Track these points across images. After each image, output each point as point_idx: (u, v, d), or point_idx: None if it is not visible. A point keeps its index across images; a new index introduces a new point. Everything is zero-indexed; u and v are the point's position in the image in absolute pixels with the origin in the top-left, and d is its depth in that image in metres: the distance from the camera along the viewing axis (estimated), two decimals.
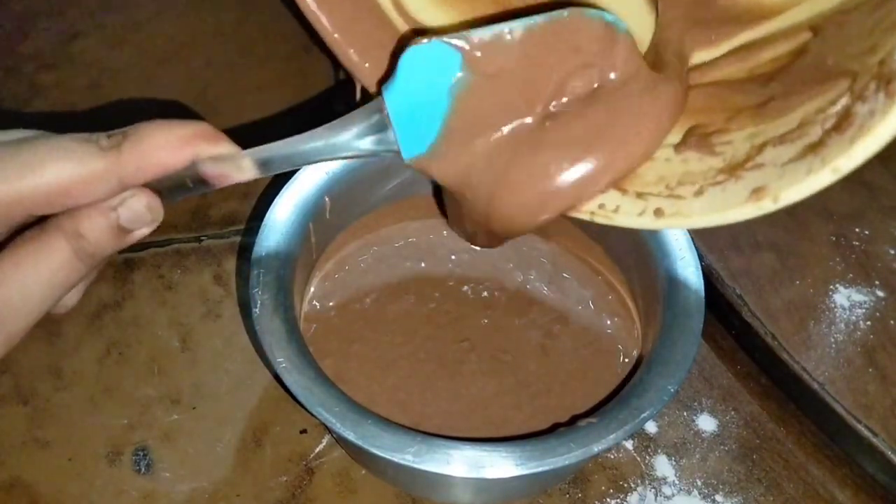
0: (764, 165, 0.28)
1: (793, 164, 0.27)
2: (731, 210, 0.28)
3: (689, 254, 0.37)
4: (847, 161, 0.25)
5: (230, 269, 0.45)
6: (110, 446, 0.38)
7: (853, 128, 0.25)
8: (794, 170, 0.26)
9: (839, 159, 0.25)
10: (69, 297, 0.30)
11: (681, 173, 0.31)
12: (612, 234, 0.41)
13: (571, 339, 0.39)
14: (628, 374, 0.38)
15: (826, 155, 0.25)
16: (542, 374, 0.38)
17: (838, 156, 0.25)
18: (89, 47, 0.58)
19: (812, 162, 0.26)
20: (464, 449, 0.30)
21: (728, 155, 0.30)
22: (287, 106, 0.54)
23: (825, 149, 0.26)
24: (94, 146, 0.26)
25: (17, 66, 0.56)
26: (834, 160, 0.25)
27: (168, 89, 0.55)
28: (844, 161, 0.25)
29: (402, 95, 0.30)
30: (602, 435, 0.31)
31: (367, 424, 0.31)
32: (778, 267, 0.43)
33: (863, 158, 0.25)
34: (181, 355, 0.41)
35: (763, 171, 0.28)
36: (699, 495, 0.37)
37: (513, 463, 0.30)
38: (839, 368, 0.39)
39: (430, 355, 0.38)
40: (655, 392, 0.32)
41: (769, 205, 0.27)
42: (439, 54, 0.29)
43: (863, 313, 0.41)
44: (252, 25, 0.60)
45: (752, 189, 0.27)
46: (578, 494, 0.37)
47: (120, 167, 0.27)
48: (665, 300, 0.35)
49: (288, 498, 0.36)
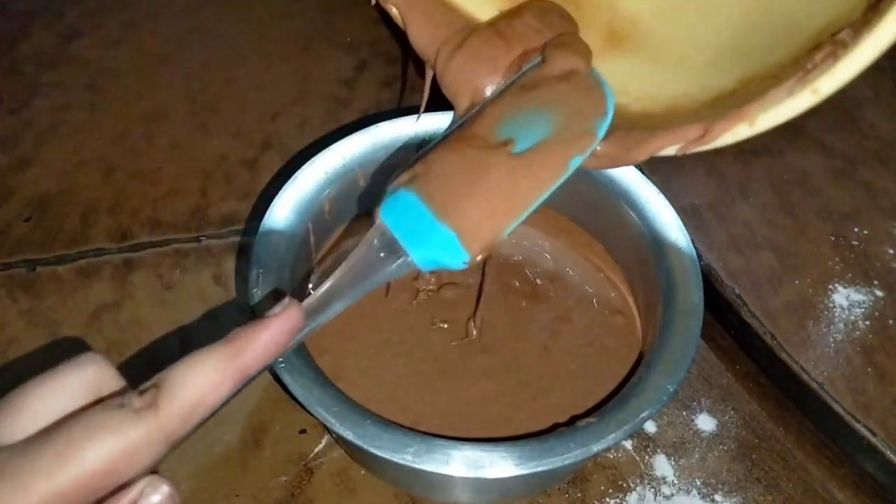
0: (746, 96, 0.28)
1: (774, 89, 0.26)
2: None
3: (689, 253, 0.37)
4: (829, 81, 0.25)
5: (229, 269, 0.45)
6: None
7: (838, 49, 0.25)
8: (774, 95, 0.26)
9: (821, 79, 0.25)
10: None
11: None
12: (613, 233, 0.41)
13: (573, 338, 0.39)
14: (628, 374, 0.38)
15: (808, 79, 0.25)
16: (542, 373, 0.38)
17: (819, 76, 0.25)
18: (89, 47, 0.58)
19: (794, 86, 0.26)
20: (463, 449, 0.30)
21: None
22: (287, 106, 0.54)
23: (808, 74, 0.25)
24: (129, 412, 0.23)
25: (17, 66, 0.56)
26: (815, 81, 0.25)
27: (167, 89, 0.55)
28: (826, 81, 0.25)
29: (399, 217, 0.31)
30: (601, 435, 0.31)
31: (367, 424, 0.31)
32: (777, 267, 0.43)
33: (846, 77, 0.25)
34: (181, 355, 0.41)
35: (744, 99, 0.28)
36: (698, 495, 0.37)
37: (512, 463, 0.30)
38: (838, 368, 0.39)
39: (429, 354, 0.38)
40: (655, 392, 0.32)
41: (745, 129, 0.27)
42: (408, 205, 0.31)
43: (862, 313, 0.41)
44: (251, 25, 0.60)
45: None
46: (578, 494, 0.37)
47: (162, 428, 0.24)
48: (665, 300, 0.35)
49: (287, 498, 0.36)
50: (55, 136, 0.52)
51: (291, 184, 0.39)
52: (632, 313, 0.40)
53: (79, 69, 0.56)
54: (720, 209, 0.45)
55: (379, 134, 0.41)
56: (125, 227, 0.47)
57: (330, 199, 0.39)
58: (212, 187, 0.49)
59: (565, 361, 0.38)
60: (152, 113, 0.53)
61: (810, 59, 0.26)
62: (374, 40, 0.58)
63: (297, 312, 0.26)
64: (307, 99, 0.54)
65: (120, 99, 0.54)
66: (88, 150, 0.51)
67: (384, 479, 0.37)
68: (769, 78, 0.28)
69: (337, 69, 0.56)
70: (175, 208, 0.48)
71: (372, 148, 0.41)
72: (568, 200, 0.42)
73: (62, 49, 0.57)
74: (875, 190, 0.46)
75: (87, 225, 0.47)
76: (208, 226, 0.47)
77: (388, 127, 0.41)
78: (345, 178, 0.40)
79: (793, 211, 0.45)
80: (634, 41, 0.35)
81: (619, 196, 0.39)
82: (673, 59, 0.34)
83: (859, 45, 0.24)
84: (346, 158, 0.40)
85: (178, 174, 0.50)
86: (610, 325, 0.40)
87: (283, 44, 0.58)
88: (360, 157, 0.40)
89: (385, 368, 0.38)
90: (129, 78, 0.56)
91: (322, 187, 0.39)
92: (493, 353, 0.38)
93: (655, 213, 0.38)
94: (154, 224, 0.47)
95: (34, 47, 0.57)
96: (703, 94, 0.31)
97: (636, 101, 0.33)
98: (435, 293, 0.41)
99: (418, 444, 0.30)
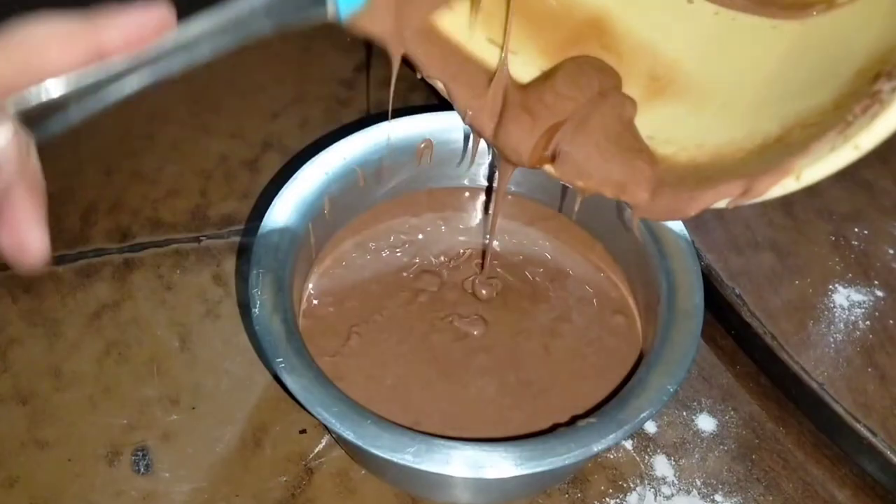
0: (791, 144, 0.28)
1: (816, 142, 0.26)
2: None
3: (689, 254, 0.37)
4: (868, 137, 0.25)
5: (229, 269, 0.45)
6: (110, 446, 0.38)
7: (875, 105, 0.25)
8: (817, 149, 0.26)
9: (860, 135, 0.25)
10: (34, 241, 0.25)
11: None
12: (613, 233, 0.41)
13: (573, 338, 0.39)
14: (628, 374, 0.38)
15: (849, 133, 0.25)
16: (542, 373, 0.38)
17: (859, 132, 0.25)
18: None
19: (835, 140, 0.26)
20: (463, 449, 0.30)
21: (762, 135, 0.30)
22: (287, 106, 0.54)
23: (849, 128, 0.26)
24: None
25: None
26: (855, 137, 0.25)
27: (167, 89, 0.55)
28: (866, 137, 0.25)
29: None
30: (602, 435, 0.31)
31: (367, 424, 0.31)
32: (777, 267, 0.43)
33: (885, 134, 0.25)
34: (180, 355, 0.41)
35: (789, 149, 0.28)
36: (698, 495, 0.37)
37: (512, 463, 0.30)
38: (838, 368, 0.39)
39: (429, 354, 0.38)
40: (655, 392, 0.32)
41: (791, 183, 0.27)
42: None
43: (862, 313, 0.41)
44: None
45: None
46: (578, 494, 0.37)
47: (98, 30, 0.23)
48: (665, 300, 0.35)
49: (287, 498, 0.36)
50: (55, 135, 0.52)
51: (291, 184, 0.39)
52: (632, 313, 0.40)
53: None
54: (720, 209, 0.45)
55: (379, 134, 0.41)
56: (125, 227, 0.47)
57: (330, 199, 0.39)
58: (212, 187, 0.49)
59: (565, 361, 0.38)
60: (152, 113, 0.53)
61: (850, 111, 0.26)
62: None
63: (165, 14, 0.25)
64: (307, 99, 0.54)
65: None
66: (88, 150, 0.51)
67: (384, 479, 0.37)
68: (812, 125, 0.28)
69: (337, 69, 0.56)
70: (175, 208, 0.48)
71: (372, 148, 0.41)
72: (568, 200, 0.42)
73: None
74: (875, 190, 0.46)
75: (87, 225, 0.47)
76: (208, 226, 0.47)
77: (388, 127, 0.41)
78: (345, 178, 0.40)
79: (793, 211, 0.45)
80: (676, 88, 0.35)
81: None
82: (715, 104, 0.34)
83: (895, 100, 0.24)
84: (346, 158, 0.40)
85: (178, 174, 0.50)
86: (610, 325, 0.40)
87: (283, 44, 0.58)
88: (359, 157, 0.40)
89: (385, 368, 0.38)
90: None
91: (322, 187, 0.39)
92: (493, 353, 0.38)
93: None
94: (154, 224, 0.47)
95: None
96: (748, 140, 0.31)
97: (682, 149, 0.33)
98: (436, 293, 0.41)
99: (418, 444, 0.30)
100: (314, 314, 0.39)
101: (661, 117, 0.34)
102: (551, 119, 0.33)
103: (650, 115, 0.34)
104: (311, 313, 0.39)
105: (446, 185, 0.44)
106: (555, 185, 0.40)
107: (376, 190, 0.42)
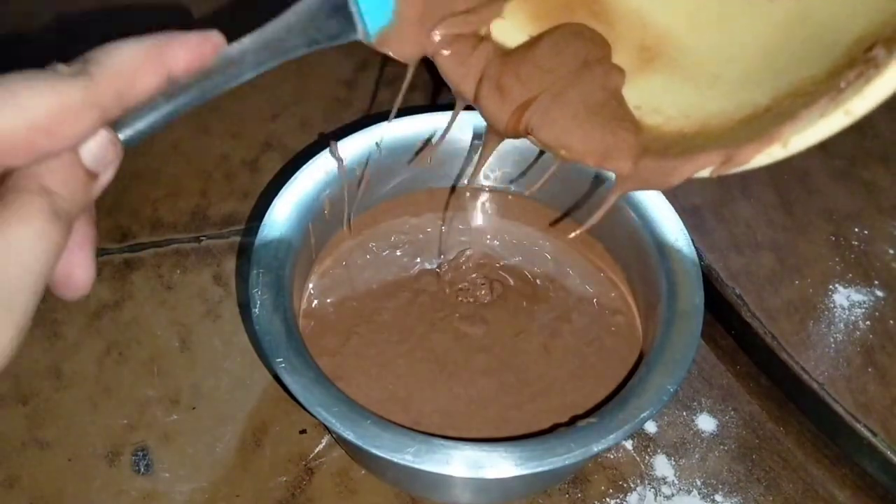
0: (780, 114, 0.28)
1: (805, 109, 0.26)
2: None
3: (689, 253, 0.37)
4: (861, 102, 0.24)
5: (230, 269, 0.45)
6: (110, 446, 0.38)
7: (871, 69, 0.24)
8: (806, 115, 0.26)
9: (853, 100, 0.25)
10: (82, 275, 0.25)
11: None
12: (613, 233, 0.41)
13: (573, 338, 0.39)
14: (628, 374, 0.38)
15: (841, 98, 0.25)
16: (542, 373, 0.38)
17: (852, 97, 0.25)
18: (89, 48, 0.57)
19: (826, 106, 0.25)
20: (463, 449, 0.30)
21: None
22: (287, 106, 0.54)
23: (841, 94, 0.25)
24: (62, 75, 0.23)
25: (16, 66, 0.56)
26: (847, 102, 0.25)
27: None
28: (858, 102, 0.24)
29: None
30: (602, 435, 0.31)
31: (367, 424, 0.31)
32: (777, 267, 0.43)
33: (878, 99, 0.24)
34: (181, 355, 0.41)
35: (777, 118, 0.27)
36: (699, 495, 0.37)
37: (512, 463, 0.30)
38: (838, 368, 0.39)
39: (429, 353, 0.38)
40: (655, 392, 0.32)
41: (779, 150, 0.27)
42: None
43: (862, 313, 0.41)
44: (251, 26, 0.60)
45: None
46: (578, 494, 0.37)
47: (97, 95, 0.23)
48: (665, 300, 0.35)
49: (287, 498, 0.36)
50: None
51: (291, 184, 0.39)
52: (632, 313, 0.40)
53: None
54: (720, 209, 0.45)
55: (379, 134, 0.41)
56: (125, 227, 0.47)
57: (330, 199, 0.39)
58: (212, 187, 0.49)
59: (565, 361, 0.38)
60: None
61: (843, 77, 0.26)
62: None
63: (218, 36, 0.27)
64: (307, 99, 0.54)
65: None
66: None
67: (384, 479, 0.37)
68: (803, 95, 0.28)
69: (337, 69, 0.56)
70: (175, 208, 0.48)
71: (372, 148, 0.41)
72: (568, 200, 0.42)
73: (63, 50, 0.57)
74: (875, 190, 0.46)
75: None
76: (208, 226, 0.47)
77: (388, 127, 0.41)
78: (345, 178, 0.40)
79: (793, 211, 0.45)
80: (666, 58, 0.35)
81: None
82: (706, 75, 0.34)
83: (891, 65, 0.24)
84: (346, 158, 0.40)
85: (179, 174, 0.50)
86: (610, 325, 0.40)
87: None
88: (360, 157, 0.40)
89: (385, 368, 0.38)
90: None
91: (322, 187, 0.39)
92: (493, 353, 0.38)
93: (656, 213, 0.38)
94: (154, 224, 0.47)
95: (34, 47, 0.57)
96: (737, 111, 0.31)
97: (670, 120, 0.33)
98: (436, 293, 0.41)
99: (418, 444, 0.30)
100: (314, 314, 0.39)
101: (649, 87, 0.34)
102: (523, 95, 0.33)
103: (639, 85, 0.33)
104: (311, 313, 0.39)
105: (446, 186, 0.44)
106: (556, 186, 0.40)
107: (376, 190, 0.42)
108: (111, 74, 0.23)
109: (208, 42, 0.27)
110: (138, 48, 0.24)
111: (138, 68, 0.24)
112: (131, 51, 0.24)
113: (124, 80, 0.24)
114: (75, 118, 0.22)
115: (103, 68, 0.23)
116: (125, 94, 0.24)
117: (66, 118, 0.22)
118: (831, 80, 0.27)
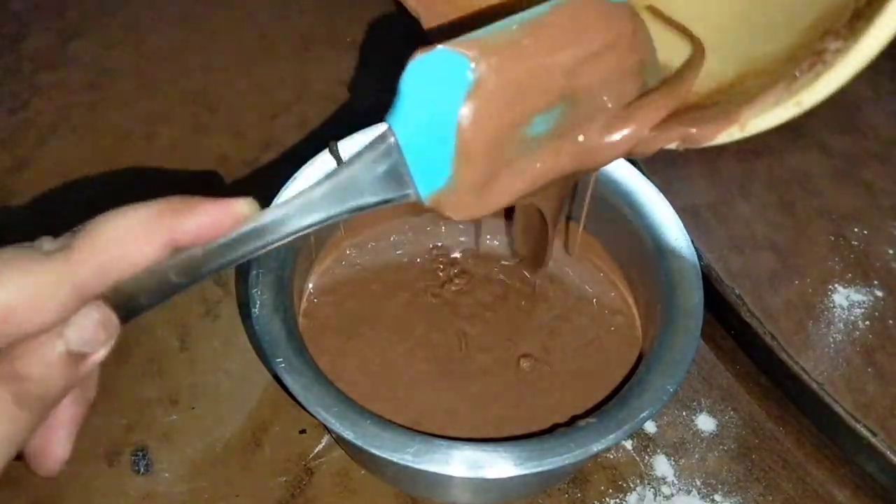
0: (742, 93, 0.29)
1: (764, 94, 0.27)
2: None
3: (688, 253, 0.37)
4: (810, 95, 0.26)
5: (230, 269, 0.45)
6: (109, 447, 0.38)
7: (819, 65, 0.26)
8: (763, 101, 0.27)
9: (803, 93, 0.26)
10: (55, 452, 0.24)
11: None
12: (613, 233, 0.41)
13: (573, 338, 0.39)
14: (628, 374, 0.38)
15: (794, 88, 0.26)
16: (542, 373, 0.38)
17: (802, 89, 0.26)
18: (88, 47, 0.58)
19: (781, 94, 0.27)
20: (463, 449, 0.30)
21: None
22: (287, 106, 0.54)
23: (794, 83, 0.26)
24: (37, 252, 0.21)
25: (16, 66, 0.56)
26: (798, 93, 0.26)
27: (167, 90, 0.55)
28: (808, 95, 0.26)
29: (411, 120, 0.26)
30: (601, 435, 0.31)
31: (367, 424, 0.31)
32: (777, 267, 0.43)
33: (825, 94, 0.26)
34: (180, 355, 0.41)
35: (739, 97, 0.28)
36: (698, 495, 0.37)
37: (512, 463, 0.30)
38: (838, 368, 0.39)
39: (429, 353, 0.38)
40: (655, 392, 0.32)
41: (736, 132, 0.28)
42: (446, 63, 0.25)
43: (862, 313, 0.41)
44: (251, 25, 0.60)
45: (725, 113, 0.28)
46: (578, 494, 0.37)
47: (72, 272, 0.21)
48: (664, 299, 0.35)
49: (287, 498, 0.36)
50: (55, 136, 0.52)
51: (292, 183, 0.39)
52: (632, 313, 0.40)
53: (79, 69, 0.56)
54: (720, 209, 0.45)
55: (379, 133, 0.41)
56: None
57: None
58: (212, 187, 0.49)
59: (565, 361, 0.38)
60: (152, 113, 0.53)
61: (798, 66, 0.27)
62: (374, 40, 0.58)
63: (245, 205, 0.25)
64: (307, 99, 0.54)
65: (120, 99, 0.54)
66: (88, 149, 0.51)
67: (384, 479, 0.37)
68: (764, 74, 0.29)
69: (337, 69, 0.56)
70: None
71: None
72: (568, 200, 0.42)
73: (62, 49, 0.57)
74: (875, 190, 0.46)
75: None
76: None
77: None
78: None
79: (793, 211, 0.45)
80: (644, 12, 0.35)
81: (619, 196, 0.39)
82: (674, 41, 0.34)
83: (838, 63, 0.25)
84: (346, 158, 0.40)
85: (179, 174, 0.50)
86: (610, 325, 0.40)
87: (283, 44, 0.58)
88: None
89: (385, 368, 0.38)
90: (129, 78, 0.56)
91: None
92: (494, 353, 0.38)
93: (655, 213, 0.38)
94: None
95: (34, 47, 0.57)
96: (703, 81, 0.31)
97: None
98: (436, 293, 0.41)
99: (418, 444, 0.30)
100: (314, 314, 0.39)
101: None
102: None
103: None
104: (311, 313, 0.39)
105: None
106: None
107: None
108: (96, 248, 0.22)
109: (227, 211, 0.25)
110: (137, 217, 0.23)
111: (133, 239, 0.23)
112: (128, 220, 0.23)
113: (110, 254, 0.22)
114: (48, 297, 0.21)
115: (88, 241, 0.22)
116: (109, 269, 0.22)
117: (38, 297, 0.21)
118: (789, 63, 0.27)
